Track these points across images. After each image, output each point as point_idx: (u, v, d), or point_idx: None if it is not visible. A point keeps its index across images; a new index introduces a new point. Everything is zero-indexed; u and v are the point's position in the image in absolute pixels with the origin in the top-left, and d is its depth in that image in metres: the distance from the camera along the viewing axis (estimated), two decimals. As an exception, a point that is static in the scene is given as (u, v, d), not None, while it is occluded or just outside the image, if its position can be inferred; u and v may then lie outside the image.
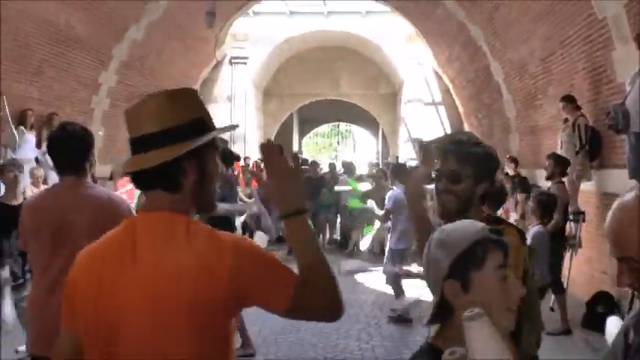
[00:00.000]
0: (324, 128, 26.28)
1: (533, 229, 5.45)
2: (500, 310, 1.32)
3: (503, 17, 9.19)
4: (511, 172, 9.44)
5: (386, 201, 7.32)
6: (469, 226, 1.41)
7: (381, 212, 7.68)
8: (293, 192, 1.48)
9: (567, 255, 7.16)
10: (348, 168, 13.45)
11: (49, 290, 2.66)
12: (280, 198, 1.47)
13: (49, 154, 2.90)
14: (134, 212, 2.90)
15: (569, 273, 7.09)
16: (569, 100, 7.32)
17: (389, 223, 7.55)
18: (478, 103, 12.67)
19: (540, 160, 9.22)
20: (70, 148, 2.79)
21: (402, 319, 6.92)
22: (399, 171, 7.49)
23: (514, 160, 9.52)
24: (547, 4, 7.53)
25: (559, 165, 6.94)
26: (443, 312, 1.39)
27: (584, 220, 7.14)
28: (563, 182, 6.96)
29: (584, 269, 7.44)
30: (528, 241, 5.06)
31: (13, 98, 8.78)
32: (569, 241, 7.14)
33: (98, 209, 2.71)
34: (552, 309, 6.86)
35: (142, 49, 11.61)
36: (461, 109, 14.31)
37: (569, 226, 7.21)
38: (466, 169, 2.07)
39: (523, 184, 9.16)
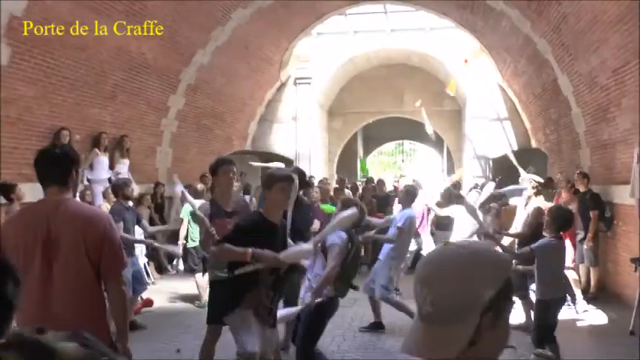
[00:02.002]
0: (389, 146, 26.17)
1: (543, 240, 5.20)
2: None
3: (572, 27, 8.91)
4: (582, 189, 9.10)
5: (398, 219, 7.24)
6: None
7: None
8: None
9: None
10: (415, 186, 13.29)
11: (41, 303, 2.74)
12: None
13: (35, 167, 2.96)
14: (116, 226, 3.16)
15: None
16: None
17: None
18: (546, 118, 12.29)
19: (613, 175, 8.85)
20: (54, 163, 2.90)
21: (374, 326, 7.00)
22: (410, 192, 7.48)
23: (585, 176, 9.17)
24: (620, 11, 7.24)
25: None
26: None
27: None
28: None
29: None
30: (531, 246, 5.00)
31: (88, 122, 9.25)
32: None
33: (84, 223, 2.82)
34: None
35: (208, 72, 11.98)
36: (527, 125, 13.93)
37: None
38: None
39: (595, 201, 8.81)
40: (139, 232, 9.19)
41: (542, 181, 8.40)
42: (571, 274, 8.13)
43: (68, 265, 2.80)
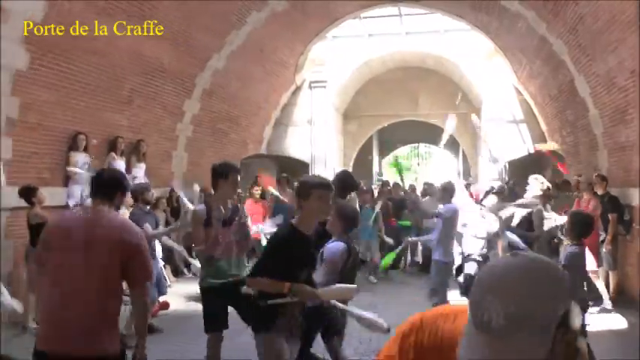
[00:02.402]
0: (404, 150, 26.08)
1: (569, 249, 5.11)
2: None
3: (589, 28, 8.82)
4: (600, 192, 8.99)
5: (441, 208, 7.23)
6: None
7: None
8: None
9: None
10: (430, 190, 13.24)
11: (67, 296, 2.98)
12: None
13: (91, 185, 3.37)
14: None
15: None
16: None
17: (433, 236, 7.39)
18: (562, 120, 12.17)
19: (632, 178, 8.74)
20: (102, 184, 3.28)
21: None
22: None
23: (603, 179, 9.06)
24: (639, 11, 7.17)
25: None
26: None
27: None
28: None
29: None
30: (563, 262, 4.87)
31: (105, 126, 9.34)
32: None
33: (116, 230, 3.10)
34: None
35: (223, 76, 12.04)
36: (544, 127, 13.81)
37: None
38: None
39: (614, 204, 8.70)
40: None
41: (549, 185, 8.30)
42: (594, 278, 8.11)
43: (99, 267, 3.01)
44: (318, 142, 16.12)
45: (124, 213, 8.67)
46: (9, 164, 7.41)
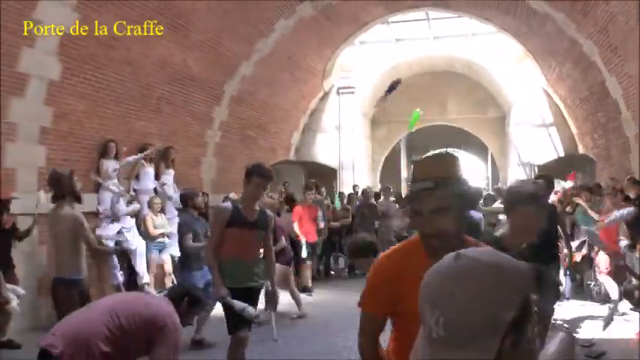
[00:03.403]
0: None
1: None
2: None
3: (620, 27, 8.67)
4: (632, 195, 8.79)
5: None
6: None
7: None
8: None
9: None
10: None
11: None
12: None
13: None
14: None
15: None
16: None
17: None
18: (593, 123, 11.96)
19: (666, 180, 8.54)
20: None
21: None
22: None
23: (636, 182, 8.86)
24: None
25: None
26: None
27: None
28: None
29: None
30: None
31: (135, 134, 9.51)
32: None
33: None
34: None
35: (251, 83, 12.15)
36: (574, 130, 13.58)
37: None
38: None
39: (647, 207, 8.49)
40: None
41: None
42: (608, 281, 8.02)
43: None
44: (346, 148, 16.13)
45: (148, 216, 8.86)
46: (42, 172, 7.61)
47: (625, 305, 7.39)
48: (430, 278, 1.06)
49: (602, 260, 8.24)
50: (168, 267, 9.52)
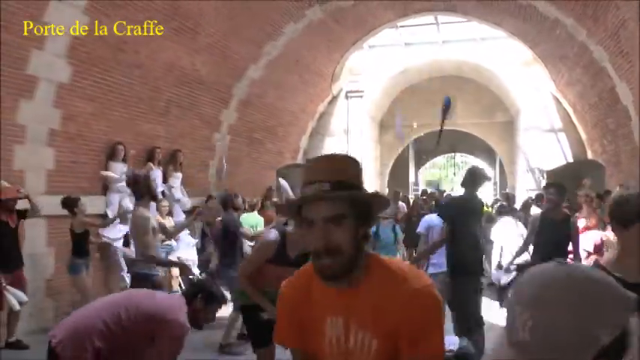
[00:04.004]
0: (440, 159, 25.86)
1: None
2: None
3: (632, 33, 8.60)
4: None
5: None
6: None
7: None
8: None
9: None
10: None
11: None
12: None
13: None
14: None
15: None
16: None
17: None
18: (603, 129, 11.88)
19: (676, 187, 8.45)
20: None
21: None
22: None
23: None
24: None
25: None
26: None
27: None
28: None
29: None
30: None
31: (143, 137, 9.54)
32: None
33: None
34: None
35: (260, 86, 12.16)
36: (583, 136, 13.50)
37: None
38: None
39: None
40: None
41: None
42: None
43: None
44: (355, 152, 16.09)
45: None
46: (50, 174, 7.64)
47: None
48: (527, 279, 1.01)
49: None
50: (175, 270, 9.53)
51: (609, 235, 6.44)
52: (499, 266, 7.33)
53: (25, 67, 6.97)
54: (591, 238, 6.87)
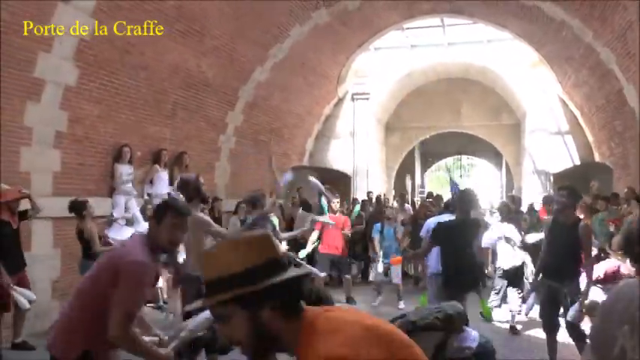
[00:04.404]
0: (447, 161, 25.79)
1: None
2: None
3: (639, 35, 8.57)
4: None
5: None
6: None
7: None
8: None
9: None
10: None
11: None
12: None
13: None
14: None
15: None
16: None
17: None
18: (610, 131, 11.82)
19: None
20: None
21: None
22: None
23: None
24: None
25: None
26: None
27: None
28: None
29: None
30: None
31: (149, 139, 9.56)
32: None
33: None
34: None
35: (266, 89, 12.18)
36: (590, 138, 13.44)
37: None
38: None
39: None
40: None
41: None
42: None
43: None
44: (360, 154, 16.11)
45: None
46: (57, 176, 7.67)
47: None
48: (622, 299, 0.98)
49: None
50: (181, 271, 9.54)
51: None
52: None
53: (32, 70, 7.00)
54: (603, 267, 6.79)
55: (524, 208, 11.41)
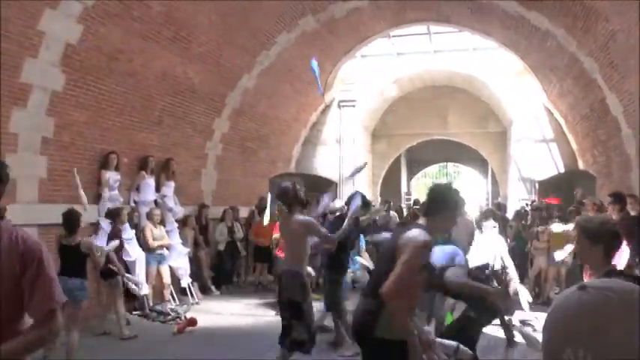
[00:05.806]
0: (433, 169, 25.92)
1: None
2: None
3: (621, 45, 8.69)
4: (634, 212, 8.77)
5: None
6: None
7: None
8: None
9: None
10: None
11: None
12: None
13: None
14: None
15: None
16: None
17: None
18: (594, 139, 11.97)
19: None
20: None
21: None
22: None
23: (637, 200, 8.84)
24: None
25: None
26: None
27: None
28: None
29: None
30: None
31: (136, 145, 9.53)
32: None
33: None
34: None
35: (253, 96, 12.18)
36: (575, 146, 13.60)
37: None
38: None
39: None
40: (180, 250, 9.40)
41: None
42: None
43: None
44: (347, 161, 16.12)
45: (147, 227, 8.85)
46: (43, 182, 7.61)
47: None
48: (561, 315, 0.96)
49: None
50: (167, 279, 9.51)
51: None
52: None
53: (19, 75, 6.95)
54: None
55: (509, 215, 11.50)
